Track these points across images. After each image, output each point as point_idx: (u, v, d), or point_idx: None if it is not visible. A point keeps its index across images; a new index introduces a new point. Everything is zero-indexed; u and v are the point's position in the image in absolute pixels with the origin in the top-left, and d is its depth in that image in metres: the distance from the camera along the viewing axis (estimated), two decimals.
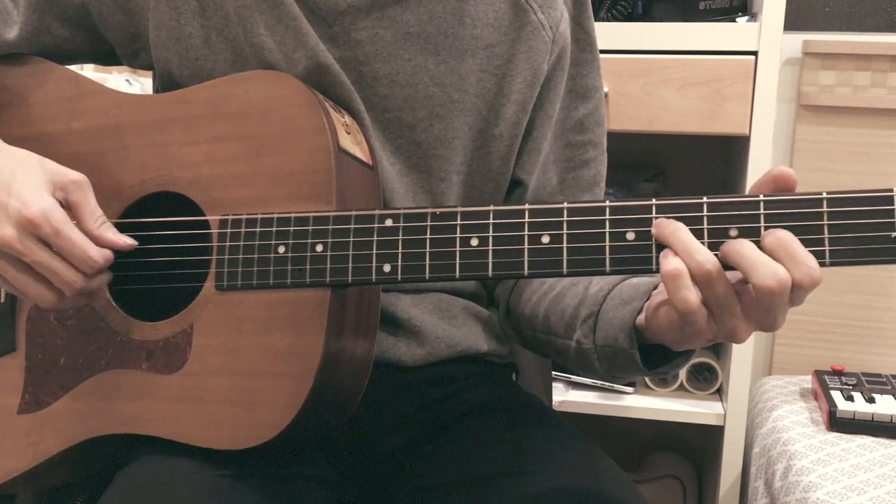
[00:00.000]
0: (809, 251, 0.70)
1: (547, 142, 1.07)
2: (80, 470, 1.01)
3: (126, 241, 0.90)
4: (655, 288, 0.84)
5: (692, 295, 0.72)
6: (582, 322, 0.93)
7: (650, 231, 0.75)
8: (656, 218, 0.74)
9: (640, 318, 0.84)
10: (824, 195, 0.70)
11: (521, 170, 1.08)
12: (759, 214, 0.72)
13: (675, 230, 0.73)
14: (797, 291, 0.70)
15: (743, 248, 0.71)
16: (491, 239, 0.78)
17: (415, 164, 1.02)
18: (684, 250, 0.72)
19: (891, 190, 0.69)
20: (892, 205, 0.68)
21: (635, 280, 0.90)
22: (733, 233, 0.72)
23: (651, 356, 0.87)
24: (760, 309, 0.72)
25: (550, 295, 1.01)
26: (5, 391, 0.98)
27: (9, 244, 0.84)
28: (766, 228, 0.72)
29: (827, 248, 0.70)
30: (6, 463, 0.97)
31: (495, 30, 1.02)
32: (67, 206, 0.88)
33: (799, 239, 0.71)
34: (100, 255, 0.87)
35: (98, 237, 0.88)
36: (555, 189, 1.10)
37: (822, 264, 0.70)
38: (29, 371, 0.97)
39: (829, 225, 0.70)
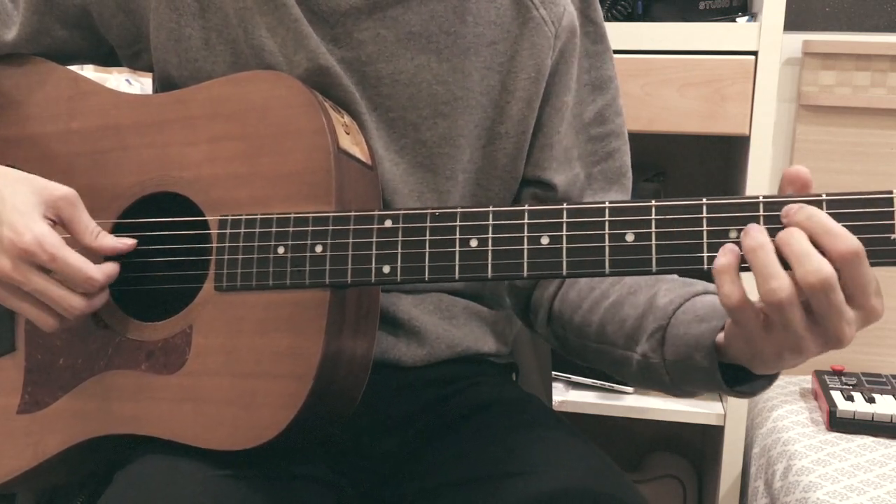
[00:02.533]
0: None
1: (558, 135, 1.06)
2: (80, 470, 1.01)
3: (125, 242, 0.90)
4: None
5: (737, 290, 0.71)
6: (649, 335, 0.90)
7: (650, 232, 0.74)
8: (657, 219, 0.74)
9: (720, 337, 0.82)
10: (823, 197, 0.70)
11: (536, 167, 1.06)
12: (758, 216, 0.71)
13: (755, 249, 0.71)
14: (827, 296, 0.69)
15: (793, 241, 0.69)
16: (490, 240, 0.78)
17: (420, 162, 1.02)
18: (761, 273, 0.70)
19: (890, 192, 0.68)
20: (892, 206, 0.68)
21: (710, 298, 0.88)
22: (733, 234, 0.72)
23: (729, 374, 0.84)
24: (819, 320, 0.71)
25: (605, 304, 0.98)
26: (5, 391, 0.98)
27: (6, 275, 0.84)
28: (766, 230, 0.71)
29: None
30: (6, 463, 0.97)
31: (497, 27, 1.02)
32: (60, 223, 0.88)
33: None
34: (100, 273, 0.87)
35: (98, 248, 0.88)
36: (583, 184, 1.09)
37: None
38: (28, 371, 0.97)
39: None
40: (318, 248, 0.84)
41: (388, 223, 0.82)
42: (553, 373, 1.61)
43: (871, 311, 0.71)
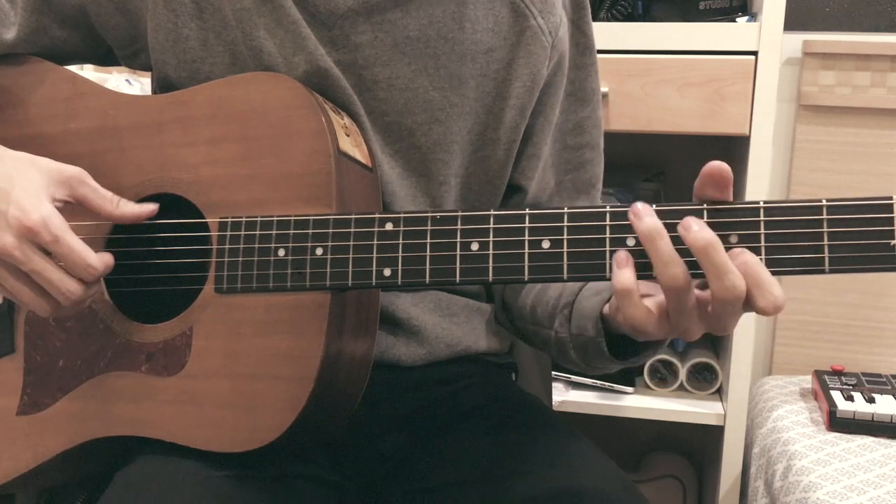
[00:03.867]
0: (809, 257, 0.70)
1: (547, 147, 1.08)
2: (80, 471, 1.01)
3: (148, 207, 0.92)
4: None
5: (640, 312, 0.74)
6: (559, 311, 0.95)
7: None
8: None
9: (607, 308, 0.86)
10: (824, 202, 0.70)
11: (520, 175, 1.08)
12: (758, 221, 0.72)
13: (654, 238, 0.72)
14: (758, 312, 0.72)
15: (714, 253, 0.71)
16: (491, 244, 0.78)
17: (414, 167, 1.02)
18: (660, 260, 0.72)
19: (890, 198, 0.69)
20: (892, 212, 0.68)
21: None
22: (733, 239, 0.72)
23: (623, 347, 0.88)
24: (714, 316, 0.73)
25: (536, 287, 1.03)
26: (4, 393, 0.98)
27: (8, 252, 0.83)
28: (766, 236, 0.72)
29: (826, 255, 0.70)
30: (5, 464, 0.97)
31: (495, 34, 1.02)
32: (75, 202, 0.88)
33: (798, 246, 0.71)
34: (99, 262, 0.86)
35: (121, 216, 0.90)
36: (552, 191, 1.11)
37: (821, 272, 0.70)
38: (28, 373, 0.97)
39: (828, 232, 0.70)
40: (319, 251, 0.84)
41: (389, 226, 0.82)
42: (553, 373, 1.61)
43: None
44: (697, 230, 0.71)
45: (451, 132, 1.01)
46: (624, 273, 0.73)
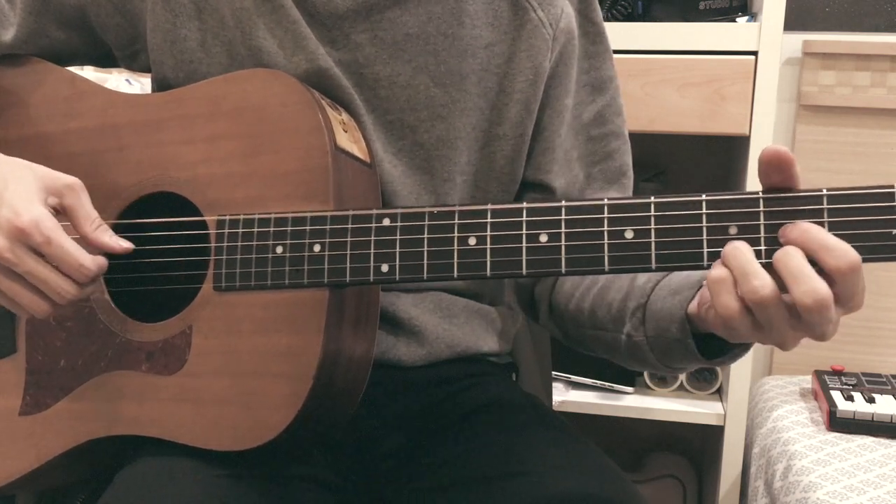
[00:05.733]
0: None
1: (560, 138, 1.06)
2: (81, 471, 1.01)
3: (122, 244, 0.88)
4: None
5: (733, 301, 0.72)
6: (631, 314, 0.92)
7: (649, 229, 0.74)
8: (656, 216, 0.74)
9: (693, 307, 0.83)
10: (824, 192, 0.70)
11: (537, 171, 1.07)
12: (758, 212, 0.71)
13: (733, 250, 0.71)
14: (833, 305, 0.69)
15: (788, 259, 0.69)
16: (489, 238, 0.78)
17: (418, 165, 1.02)
18: (740, 273, 0.71)
19: (891, 186, 0.68)
20: (893, 201, 0.68)
21: (686, 272, 0.89)
22: (733, 230, 0.72)
23: (707, 345, 0.86)
24: (806, 325, 0.71)
25: (594, 290, 1.00)
26: (6, 393, 0.98)
27: (0, 254, 0.84)
28: (766, 226, 0.71)
29: None
30: (8, 465, 0.97)
31: (495, 29, 1.02)
32: (62, 211, 0.87)
33: None
34: (93, 263, 0.86)
35: (94, 240, 0.87)
36: (583, 185, 1.09)
37: None
38: (29, 373, 0.97)
39: (829, 222, 0.70)
40: (317, 248, 0.84)
41: (387, 222, 0.81)
42: (553, 373, 1.61)
43: (855, 306, 0.71)
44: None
45: (454, 128, 1.01)
46: (719, 267, 0.72)
